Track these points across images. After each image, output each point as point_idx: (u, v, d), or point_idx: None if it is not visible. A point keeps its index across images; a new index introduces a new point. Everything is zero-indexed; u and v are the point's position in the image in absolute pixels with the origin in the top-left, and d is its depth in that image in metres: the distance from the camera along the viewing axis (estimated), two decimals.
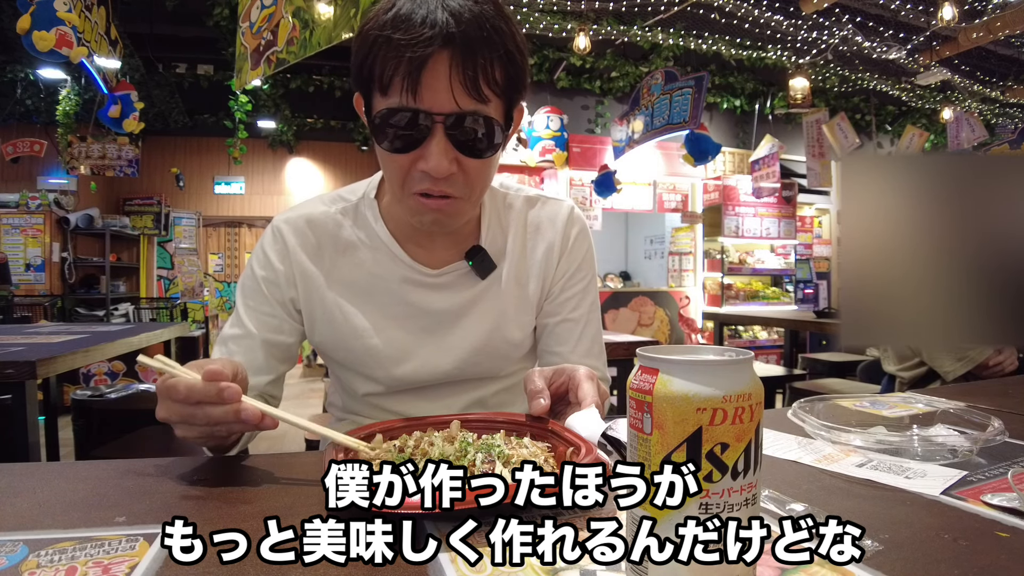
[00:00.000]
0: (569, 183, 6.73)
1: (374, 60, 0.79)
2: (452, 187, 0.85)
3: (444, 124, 0.79)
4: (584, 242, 1.10)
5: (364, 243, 1.00)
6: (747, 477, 0.40)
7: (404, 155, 0.82)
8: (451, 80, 0.77)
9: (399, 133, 0.81)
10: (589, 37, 5.56)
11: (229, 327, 1.00)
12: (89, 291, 6.83)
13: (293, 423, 0.70)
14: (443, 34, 0.75)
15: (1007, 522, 0.57)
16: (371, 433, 0.74)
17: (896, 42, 5.99)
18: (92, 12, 3.59)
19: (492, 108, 0.82)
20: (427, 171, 0.81)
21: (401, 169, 0.84)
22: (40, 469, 0.75)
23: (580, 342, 1.07)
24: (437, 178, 0.82)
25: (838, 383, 3.30)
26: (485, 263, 1.01)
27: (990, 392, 1.23)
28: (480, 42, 0.77)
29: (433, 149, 0.80)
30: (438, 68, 0.77)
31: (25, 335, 2.38)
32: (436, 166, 0.80)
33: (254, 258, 1.03)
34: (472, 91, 0.78)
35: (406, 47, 0.75)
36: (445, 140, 0.80)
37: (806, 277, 7.56)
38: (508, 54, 0.80)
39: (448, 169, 0.81)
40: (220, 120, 7.22)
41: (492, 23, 0.78)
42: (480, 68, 0.78)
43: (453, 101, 0.78)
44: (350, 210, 1.02)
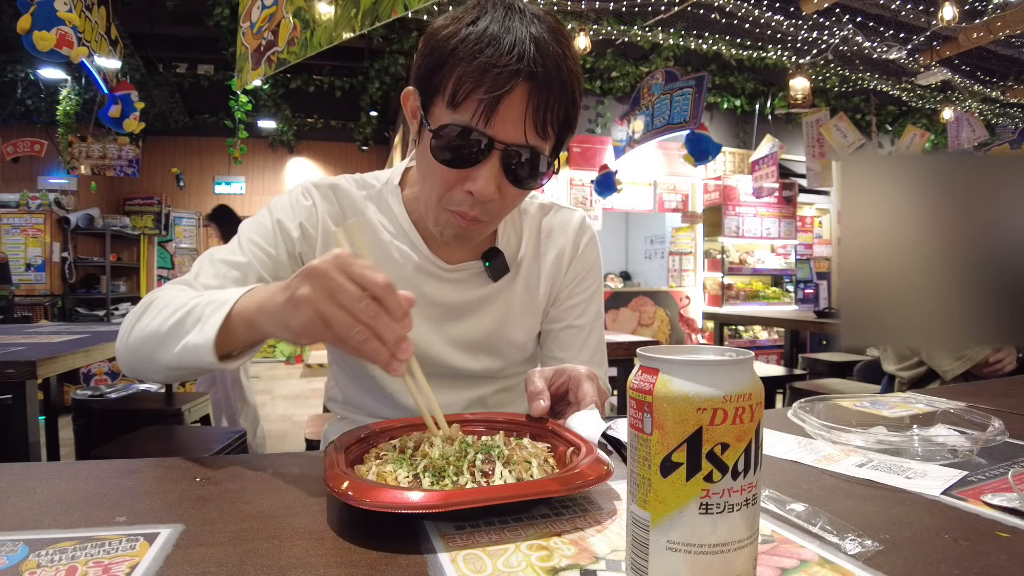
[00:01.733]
0: (569, 183, 6.72)
1: (450, 71, 0.79)
2: (487, 212, 0.86)
3: (504, 153, 0.81)
4: (593, 251, 1.12)
5: (386, 228, 1.02)
6: (747, 477, 0.40)
7: (453, 170, 0.83)
8: (525, 115, 0.79)
9: (457, 149, 0.81)
10: (589, 37, 5.56)
11: (226, 252, 0.94)
12: (89, 291, 6.84)
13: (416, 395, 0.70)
14: (528, 69, 0.76)
15: (1007, 522, 0.57)
16: (372, 433, 0.74)
17: (896, 42, 5.98)
18: (92, 12, 3.59)
19: (548, 144, 0.84)
20: (472, 192, 0.83)
21: (446, 183, 0.85)
22: (40, 469, 0.75)
23: (583, 349, 1.09)
24: (477, 201, 0.83)
25: (838, 383, 3.30)
26: (500, 265, 1.03)
27: (990, 392, 1.23)
28: (557, 83, 0.79)
29: (484, 173, 0.81)
30: (516, 101, 0.78)
31: (25, 335, 2.38)
32: (483, 190, 0.82)
33: (276, 204, 1.00)
34: (540, 129, 0.80)
35: (490, 71, 0.76)
36: (499, 167, 0.82)
37: (806, 277, 7.56)
38: (573, 96, 0.83)
39: (492, 195, 0.83)
40: (220, 120, 7.23)
41: (566, 63, 0.80)
42: (550, 107, 0.80)
43: (521, 134, 0.80)
44: (374, 195, 1.04)
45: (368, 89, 7.58)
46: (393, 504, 0.51)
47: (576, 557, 0.48)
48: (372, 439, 0.73)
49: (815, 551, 0.50)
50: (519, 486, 0.56)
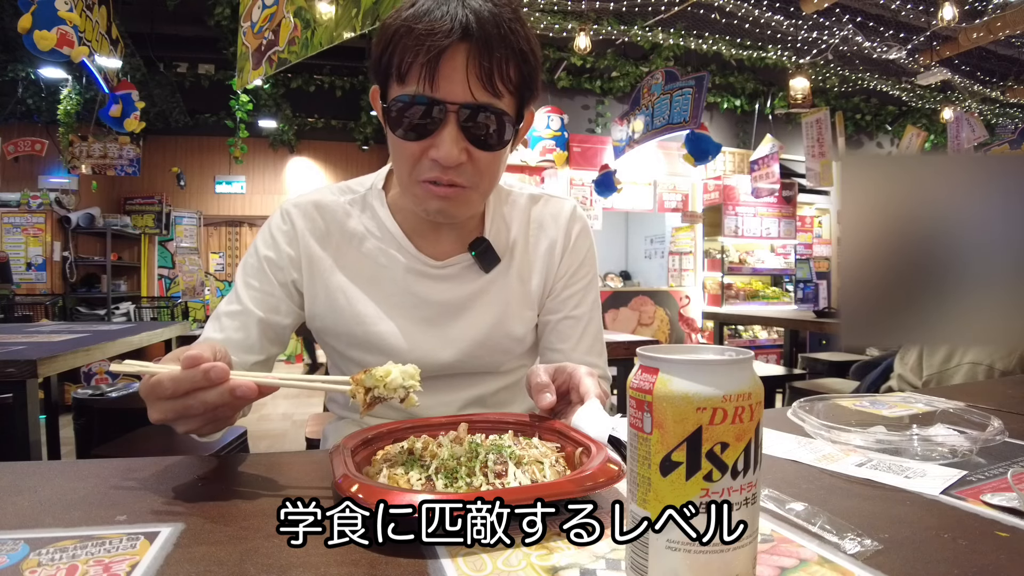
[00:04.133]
0: (569, 183, 6.73)
1: (393, 50, 0.82)
2: (461, 176, 0.87)
3: (457, 114, 0.82)
4: (586, 240, 1.11)
5: (371, 233, 1.02)
6: (747, 476, 0.40)
7: (416, 143, 0.85)
8: (468, 72, 0.80)
9: (413, 121, 0.83)
10: (589, 37, 5.56)
11: (226, 304, 1.00)
12: (90, 290, 6.83)
13: (292, 384, 0.68)
14: (463, 27, 0.79)
15: (1007, 522, 0.57)
16: (378, 435, 0.73)
17: (896, 42, 5.98)
18: (93, 11, 3.59)
19: (505, 103, 0.85)
20: (437, 159, 0.84)
21: (412, 157, 0.86)
22: (41, 468, 0.75)
23: (582, 340, 1.08)
24: (447, 167, 0.84)
25: (838, 383, 3.30)
26: (488, 255, 1.02)
27: (990, 392, 1.23)
28: (497, 39, 0.81)
29: (445, 138, 0.83)
30: (456, 59, 0.80)
31: (26, 334, 2.38)
32: (447, 154, 0.83)
33: (260, 238, 1.03)
34: (487, 84, 0.82)
35: (426, 37, 0.79)
36: (457, 130, 0.83)
37: (806, 277, 7.56)
38: (522, 53, 0.84)
39: (458, 158, 0.84)
40: (221, 119, 7.22)
41: (509, 24, 0.82)
42: (496, 63, 0.81)
43: (468, 92, 0.81)
44: (358, 201, 1.04)
45: (368, 89, 7.56)
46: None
47: (576, 556, 0.48)
48: (378, 440, 0.72)
49: (814, 550, 0.50)
50: (537, 488, 0.56)
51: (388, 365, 0.67)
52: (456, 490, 0.58)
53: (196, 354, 0.63)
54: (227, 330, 0.97)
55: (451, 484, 0.59)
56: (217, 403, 0.63)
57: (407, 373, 0.67)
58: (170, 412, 0.65)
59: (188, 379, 0.62)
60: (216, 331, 0.98)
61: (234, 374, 0.64)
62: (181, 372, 0.63)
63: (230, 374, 0.63)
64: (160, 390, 0.64)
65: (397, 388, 0.66)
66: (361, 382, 0.65)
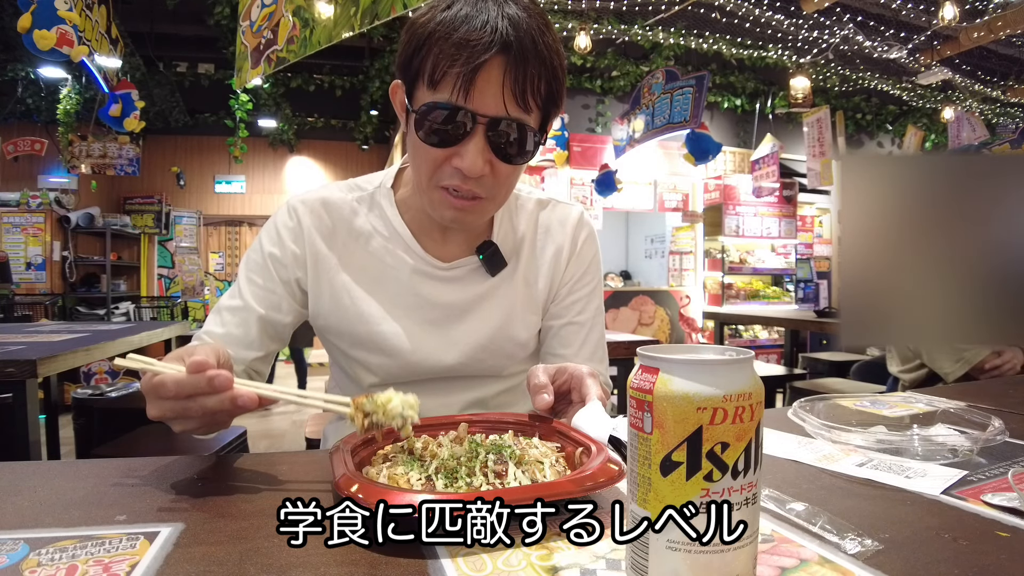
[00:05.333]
0: (570, 182, 6.72)
1: (427, 53, 0.81)
2: (480, 187, 0.87)
3: (486, 127, 0.82)
4: (592, 247, 1.11)
5: (378, 232, 1.02)
6: (747, 476, 0.40)
7: (440, 149, 0.84)
8: (503, 87, 0.80)
9: (441, 128, 0.83)
10: (590, 36, 5.55)
11: (228, 298, 1.00)
12: (90, 290, 6.84)
13: (292, 400, 0.69)
14: (502, 41, 0.78)
15: (1007, 522, 0.57)
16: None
17: (897, 41, 5.98)
18: (93, 11, 3.59)
19: (532, 118, 0.85)
20: (460, 168, 0.84)
21: (434, 162, 0.86)
22: (41, 468, 0.75)
23: (584, 346, 1.08)
24: (468, 177, 0.84)
25: (838, 383, 3.30)
26: (495, 259, 1.02)
27: (990, 392, 1.23)
28: (533, 55, 0.81)
29: (471, 148, 0.83)
30: (492, 72, 0.79)
31: (26, 334, 2.38)
32: (471, 165, 0.83)
33: (265, 233, 1.03)
34: (519, 100, 0.82)
35: (464, 46, 0.78)
36: (484, 141, 0.83)
37: (806, 277, 7.55)
38: (553, 70, 0.84)
39: (481, 170, 0.84)
40: (221, 119, 7.23)
41: (544, 39, 0.82)
42: (529, 79, 0.81)
43: (502, 106, 0.81)
44: (366, 199, 1.04)
45: (368, 88, 7.58)
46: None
47: (576, 556, 0.48)
48: (378, 440, 0.72)
49: (815, 550, 0.50)
50: (537, 488, 0.56)
51: (389, 392, 0.67)
52: (456, 490, 0.58)
53: (201, 360, 0.64)
54: (228, 325, 0.97)
55: (451, 484, 0.59)
56: (217, 409, 0.64)
57: (407, 402, 0.67)
58: (169, 412, 0.66)
59: (192, 384, 0.63)
60: (217, 325, 0.98)
61: (238, 382, 0.65)
62: (186, 376, 0.63)
63: (233, 382, 0.64)
64: (163, 390, 0.65)
65: (395, 416, 0.66)
66: (361, 406, 0.66)
